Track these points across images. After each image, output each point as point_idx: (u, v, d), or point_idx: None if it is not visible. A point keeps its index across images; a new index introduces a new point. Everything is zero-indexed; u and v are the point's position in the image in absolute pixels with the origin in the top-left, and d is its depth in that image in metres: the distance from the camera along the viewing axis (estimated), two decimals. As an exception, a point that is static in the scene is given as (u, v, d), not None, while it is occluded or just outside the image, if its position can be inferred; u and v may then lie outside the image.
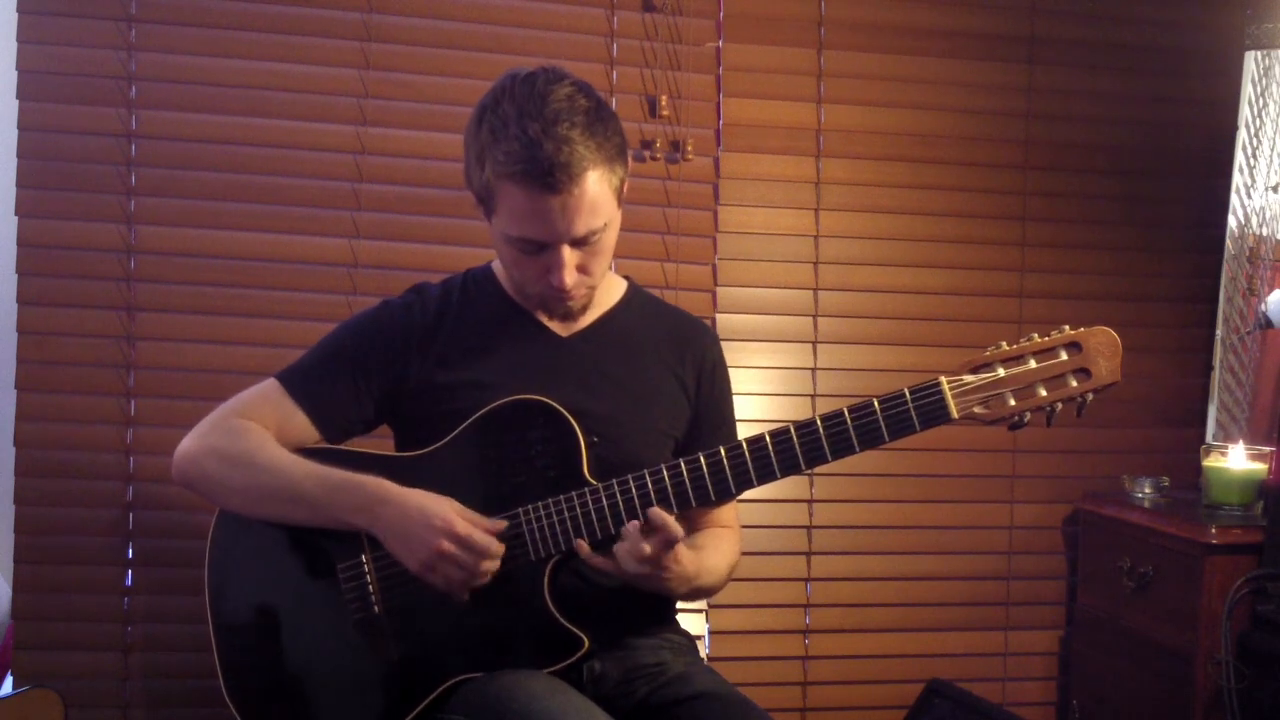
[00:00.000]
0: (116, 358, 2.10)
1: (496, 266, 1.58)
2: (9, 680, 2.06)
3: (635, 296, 1.62)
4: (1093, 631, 2.32)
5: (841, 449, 1.35)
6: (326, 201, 2.16)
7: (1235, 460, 2.11)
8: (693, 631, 1.67)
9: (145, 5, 2.09)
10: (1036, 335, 1.35)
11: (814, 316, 2.34)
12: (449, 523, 1.34)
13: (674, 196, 2.27)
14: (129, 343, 2.10)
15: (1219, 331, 2.37)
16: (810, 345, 2.34)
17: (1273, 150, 2.32)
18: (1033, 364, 1.34)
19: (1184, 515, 2.09)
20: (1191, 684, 2.00)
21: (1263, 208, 2.33)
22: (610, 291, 1.59)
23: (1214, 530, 1.99)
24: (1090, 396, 1.35)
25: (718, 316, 2.30)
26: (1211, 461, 2.14)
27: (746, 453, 1.36)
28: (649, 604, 1.53)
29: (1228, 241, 2.37)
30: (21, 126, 2.06)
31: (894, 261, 2.36)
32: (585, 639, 1.38)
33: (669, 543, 1.33)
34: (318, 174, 2.16)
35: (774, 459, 1.35)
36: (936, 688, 2.24)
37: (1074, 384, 1.34)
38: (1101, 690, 2.29)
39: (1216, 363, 2.37)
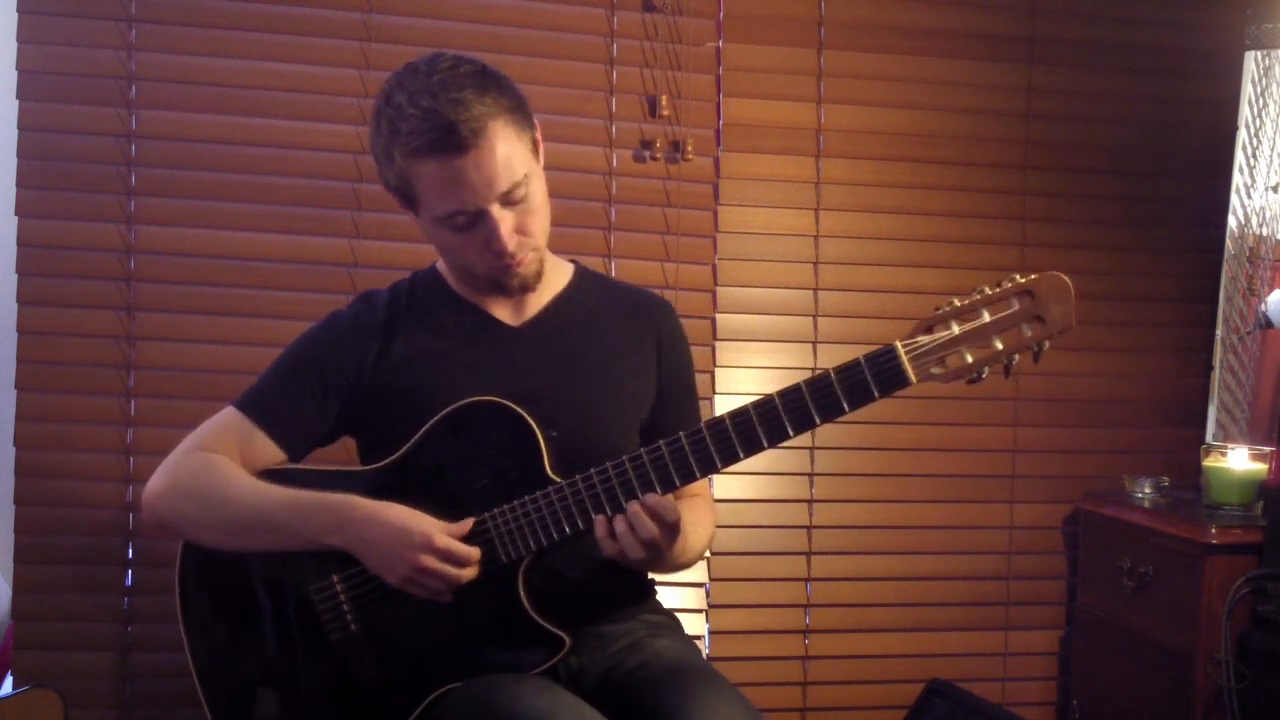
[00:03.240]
0: (116, 358, 2.10)
1: (442, 265, 1.57)
2: (9, 680, 2.06)
3: (584, 278, 1.61)
4: (1093, 631, 2.32)
5: (802, 422, 1.31)
6: (326, 201, 2.16)
7: (1235, 460, 2.11)
8: (693, 632, 1.67)
9: (145, 5, 2.09)
10: (987, 288, 1.32)
11: (814, 316, 2.34)
12: (428, 537, 1.34)
13: (674, 196, 2.27)
14: (129, 343, 2.10)
15: (1219, 331, 2.37)
16: (810, 345, 2.34)
17: (1273, 150, 2.32)
18: (986, 317, 1.30)
19: (1184, 515, 2.09)
20: (1191, 684, 2.00)
21: (1263, 208, 2.33)
22: (558, 275, 1.57)
23: (1214, 530, 1.99)
24: (1046, 344, 1.31)
25: (718, 316, 2.30)
26: (1211, 461, 2.14)
27: (707, 435, 1.33)
28: (623, 591, 1.53)
29: (1228, 241, 2.37)
30: (21, 126, 2.06)
31: (894, 261, 2.36)
32: (566, 638, 1.38)
33: (672, 526, 1.32)
34: (318, 174, 2.16)
35: (734, 439, 1.32)
36: (936, 688, 2.24)
37: (1028, 333, 1.30)
38: (1101, 690, 2.29)
39: (1216, 363, 2.37)
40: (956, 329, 1.30)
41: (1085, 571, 2.37)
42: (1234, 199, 2.36)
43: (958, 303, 1.31)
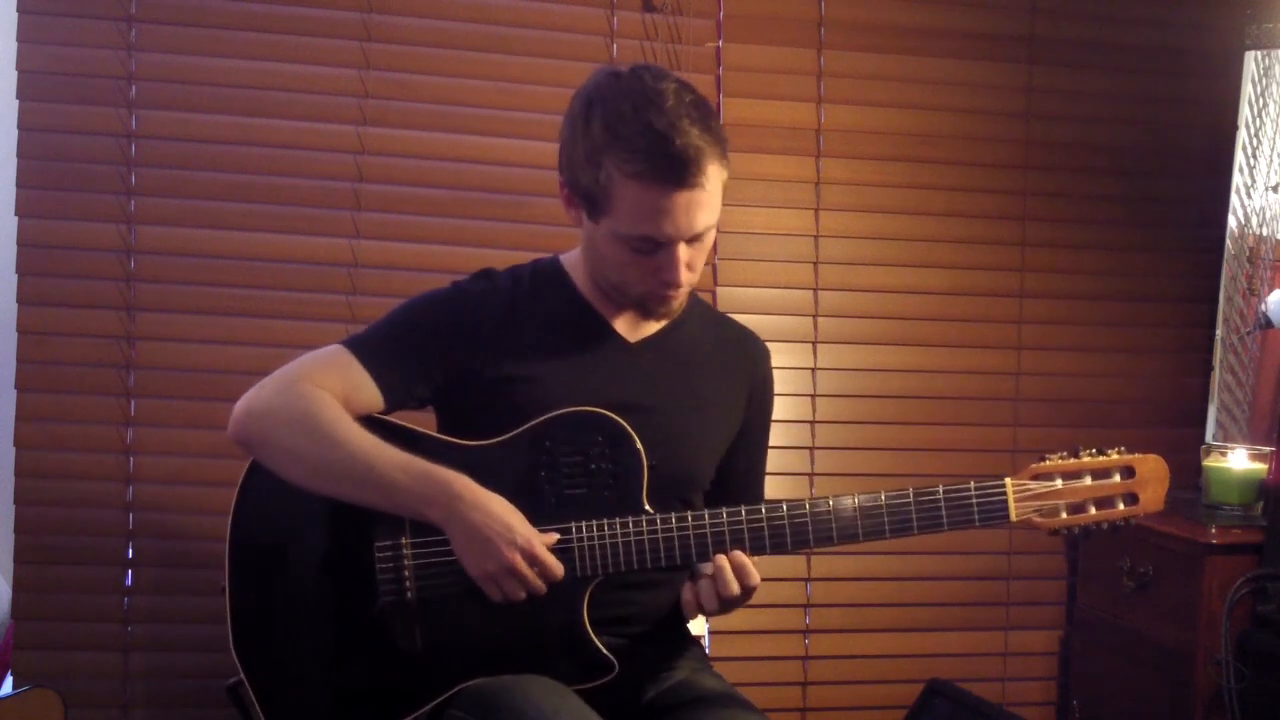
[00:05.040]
0: (116, 358, 2.10)
1: (567, 262, 1.54)
2: (9, 680, 2.06)
3: (695, 305, 1.59)
4: (1093, 631, 2.32)
5: (900, 529, 1.38)
6: (326, 201, 2.16)
7: (1235, 460, 2.11)
8: (693, 631, 1.68)
9: (145, 5, 2.09)
10: (1095, 451, 1.40)
11: (814, 316, 2.34)
12: (530, 542, 1.33)
13: (674, 196, 2.26)
14: (129, 343, 2.10)
15: (1219, 331, 2.37)
16: (810, 345, 2.34)
17: (1273, 150, 2.32)
18: (1088, 481, 1.40)
19: (1184, 515, 2.09)
20: (1191, 684, 2.00)
21: (1263, 208, 2.33)
22: None
23: (1214, 530, 1.99)
24: (1133, 522, 1.41)
25: (718, 316, 2.30)
26: (1211, 461, 2.14)
27: (809, 518, 1.38)
28: (664, 613, 1.54)
29: (1228, 241, 2.37)
30: (21, 126, 2.06)
31: (894, 261, 2.36)
32: (615, 664, 1.37)
33: (750, 590, 1.38)
34: (318, 174, 2.16)
35: (834, 528, 1.38)
36: (936, 688, 2.24)
37: (1121, 507, 1.40)
38: (1101, 690, 2.29)
39: (1216, 363, 2.37)
40: (1060, 484, 1.40)
41: (1085, 571, 2.36)
42: (1234, 199, 2.35)
43: (1065, 457, 1.40)
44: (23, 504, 2.08)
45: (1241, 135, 2.36)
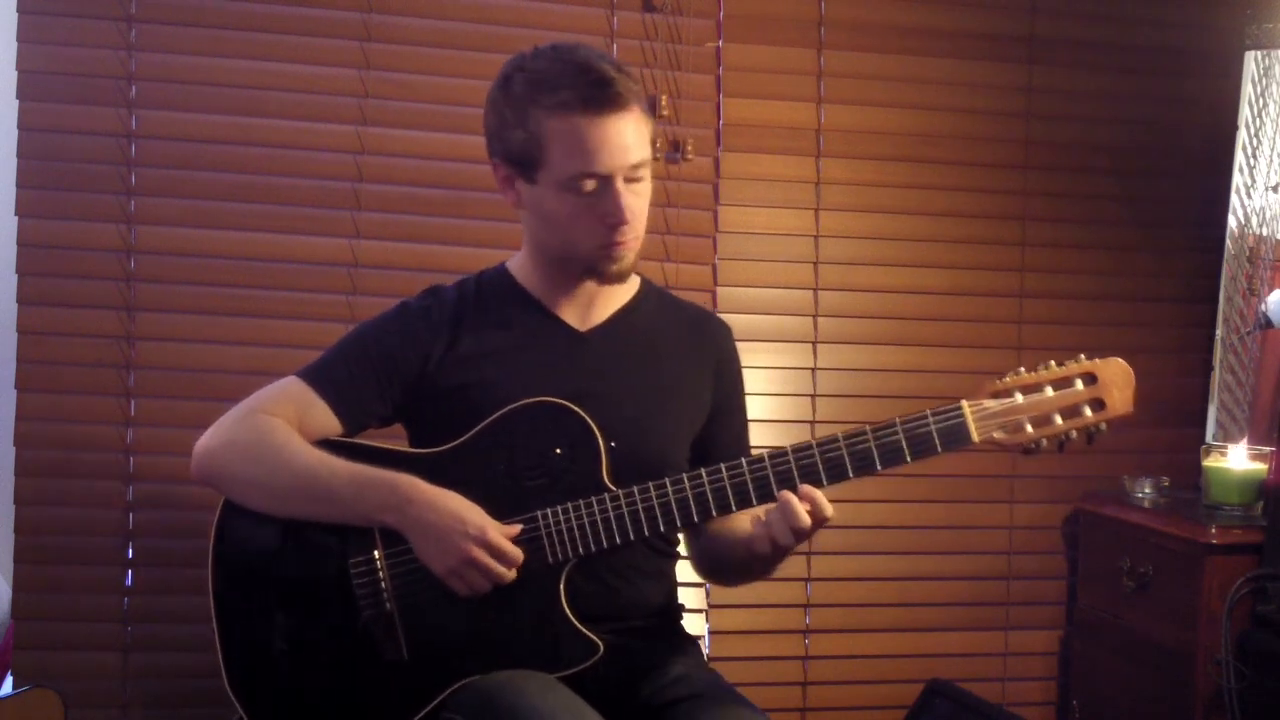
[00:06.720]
0: (116, 358, 2.10)
1: (512, 265, 1.58)
2: (9, 680, 2.06)
3: (650, 291, 1.62)
4: (1093, 631, 2.32)
5: (863, 468, 1.37)
6: (326, 201, 2.16)
7: (1235, 460, 2.11)
8: (693, 631, 1.68)
9: (145, 5, 2.09)
10: (1054, 363, 1.39)
11: (814, 316, 2.34)
12: (483, 530, 1.35)
13: (674, 196, 2.26)
14: (129, 343, 2.10)
15: (1219, 331, 2.37)
16: (810, 345, 2.34)
17: (1273, 150, 2.32)
18: (1050, 393, 1.38)
19: (1184, 515, 2.09)
20: (1191, 684, 2.00)
21: (1263, 208, 2.32)
22: (626, 285, 1.58)
23: (1214, 530, 1.99)
24: (1104, 427, 1.39)
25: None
26: (1211, 461, 2.14)
27: (769, 467, 1.37)
28: (655, 607, 1.54)
29: (1228, 241, 2.37)
30: (21, 126, 2.06)
31: (894, 261, 2.36)
32: (600, 644, 1.39)
33: (822, 522, 1.36)
34: (318, 174, 2.16)
35: (795, 475, 1.37)
36: (936, 688, 2.24)
37: (1089, 414, 1.38)
38: (1101, 690, 2.29)
39: (1216, 363, 2.37)
40: (1020, 399, 1.38)
41: (1085, 571, 2.37)
42: (1234, 199, 2.35)
43: (1024, 373, 1.38)
44: (23, 504, 2.08)
45: (1241, 135, 2.36)
